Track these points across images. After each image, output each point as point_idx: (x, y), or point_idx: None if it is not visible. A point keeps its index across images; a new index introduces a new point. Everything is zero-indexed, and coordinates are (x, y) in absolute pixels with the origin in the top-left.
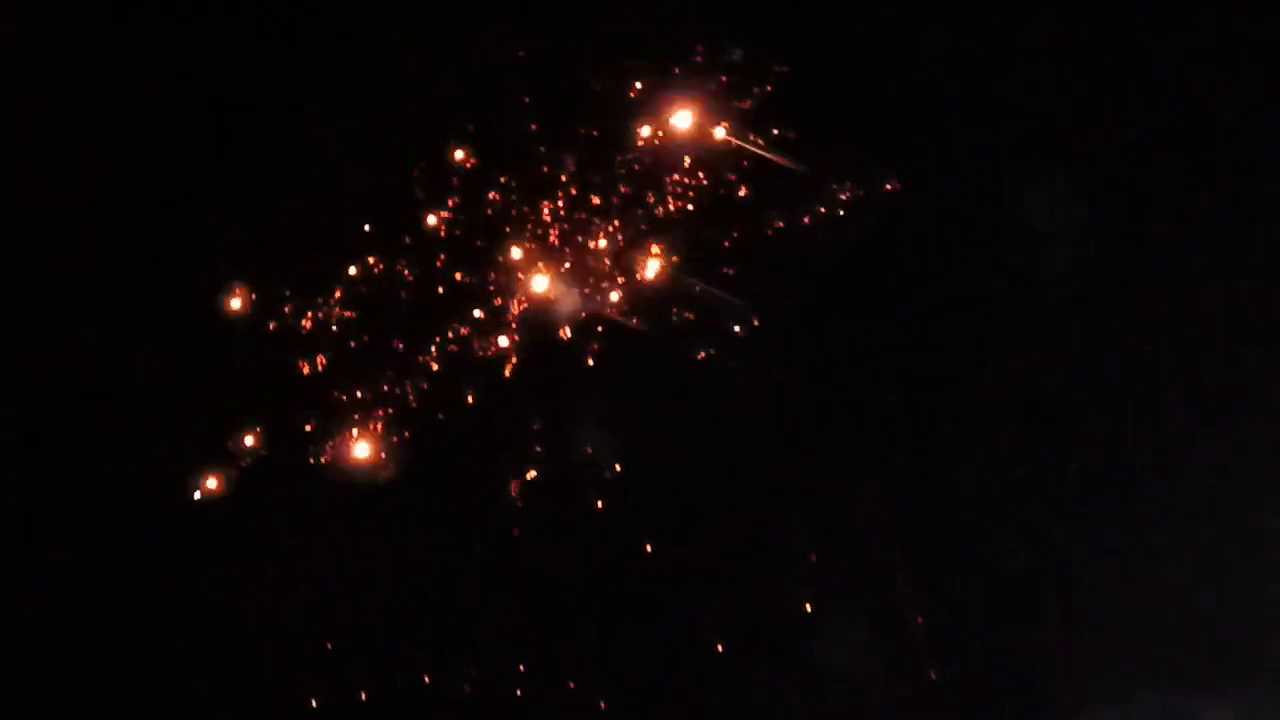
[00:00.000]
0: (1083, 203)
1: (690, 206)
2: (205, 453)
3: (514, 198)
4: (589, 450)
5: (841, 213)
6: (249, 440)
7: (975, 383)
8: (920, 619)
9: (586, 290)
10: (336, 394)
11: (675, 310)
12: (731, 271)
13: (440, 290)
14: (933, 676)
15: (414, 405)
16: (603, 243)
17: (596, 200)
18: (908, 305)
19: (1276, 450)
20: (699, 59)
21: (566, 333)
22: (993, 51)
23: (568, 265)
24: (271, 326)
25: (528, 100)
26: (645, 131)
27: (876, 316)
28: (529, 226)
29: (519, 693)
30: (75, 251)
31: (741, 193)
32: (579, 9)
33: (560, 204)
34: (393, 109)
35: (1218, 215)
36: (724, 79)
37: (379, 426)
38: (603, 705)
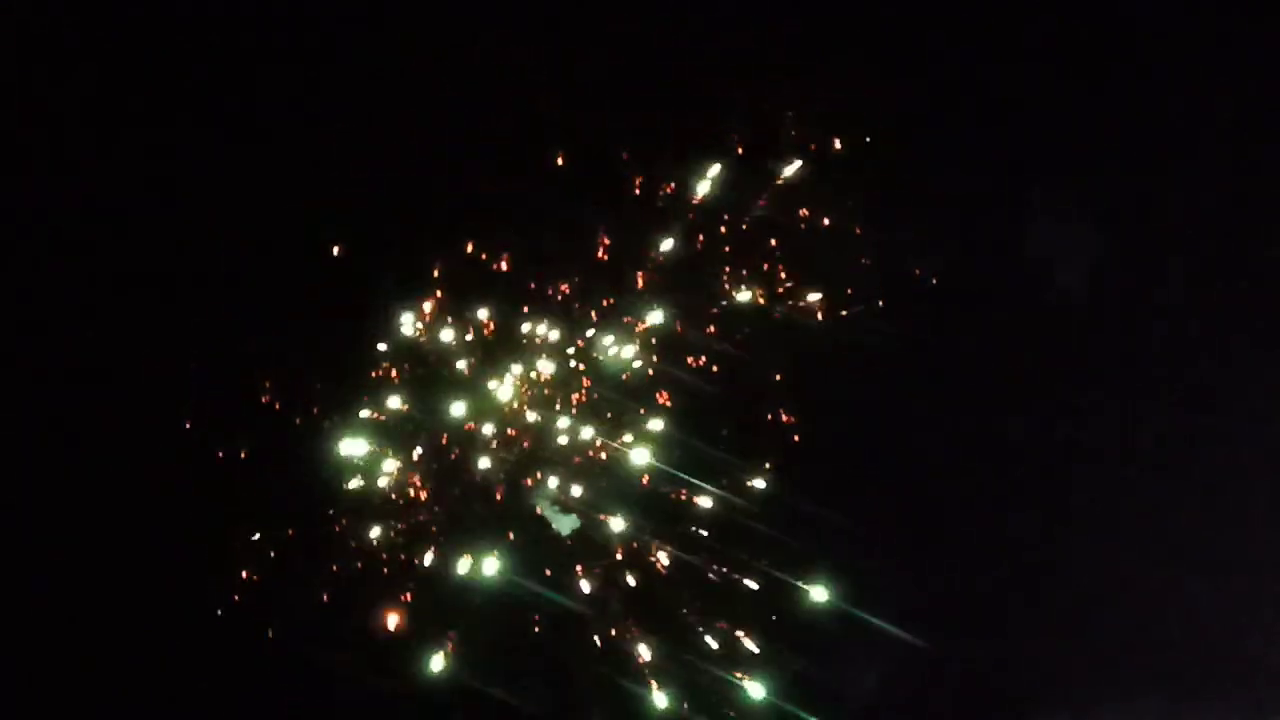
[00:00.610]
0: (1089, 221)
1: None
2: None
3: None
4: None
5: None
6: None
7: (976, 388)
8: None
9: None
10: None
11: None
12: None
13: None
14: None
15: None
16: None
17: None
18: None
19: (1271, 455)
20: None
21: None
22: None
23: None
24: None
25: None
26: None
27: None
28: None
29: None
30: (75, 251)
31: (781, 274)
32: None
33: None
34: (393, 109)
35: (1218, 221)
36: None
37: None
38: None
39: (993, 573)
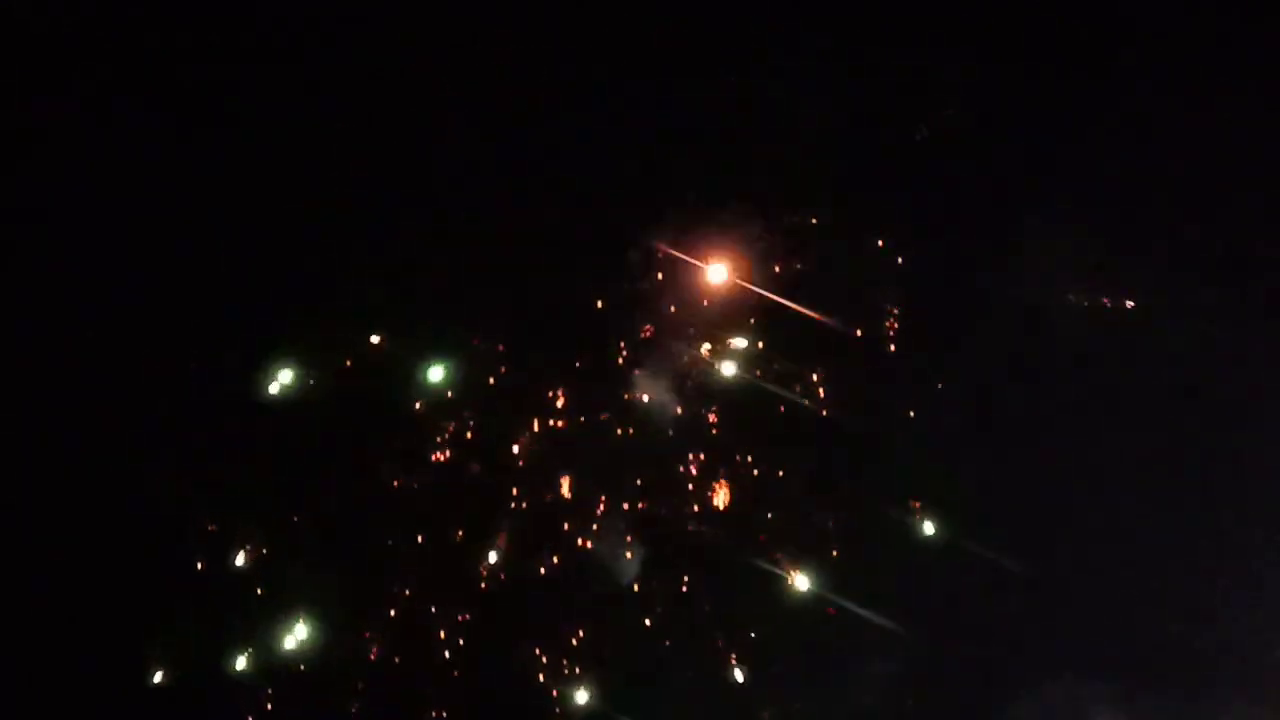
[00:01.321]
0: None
1: None
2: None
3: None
4: None
5: None
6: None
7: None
8: None
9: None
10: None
11: None
12: None
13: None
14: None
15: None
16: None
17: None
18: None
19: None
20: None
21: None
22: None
23: None
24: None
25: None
26: None
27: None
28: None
29: None
30: (75, 252)
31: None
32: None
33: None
34: (393, 110)
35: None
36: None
37: None
38: None
39: (993, 570)
